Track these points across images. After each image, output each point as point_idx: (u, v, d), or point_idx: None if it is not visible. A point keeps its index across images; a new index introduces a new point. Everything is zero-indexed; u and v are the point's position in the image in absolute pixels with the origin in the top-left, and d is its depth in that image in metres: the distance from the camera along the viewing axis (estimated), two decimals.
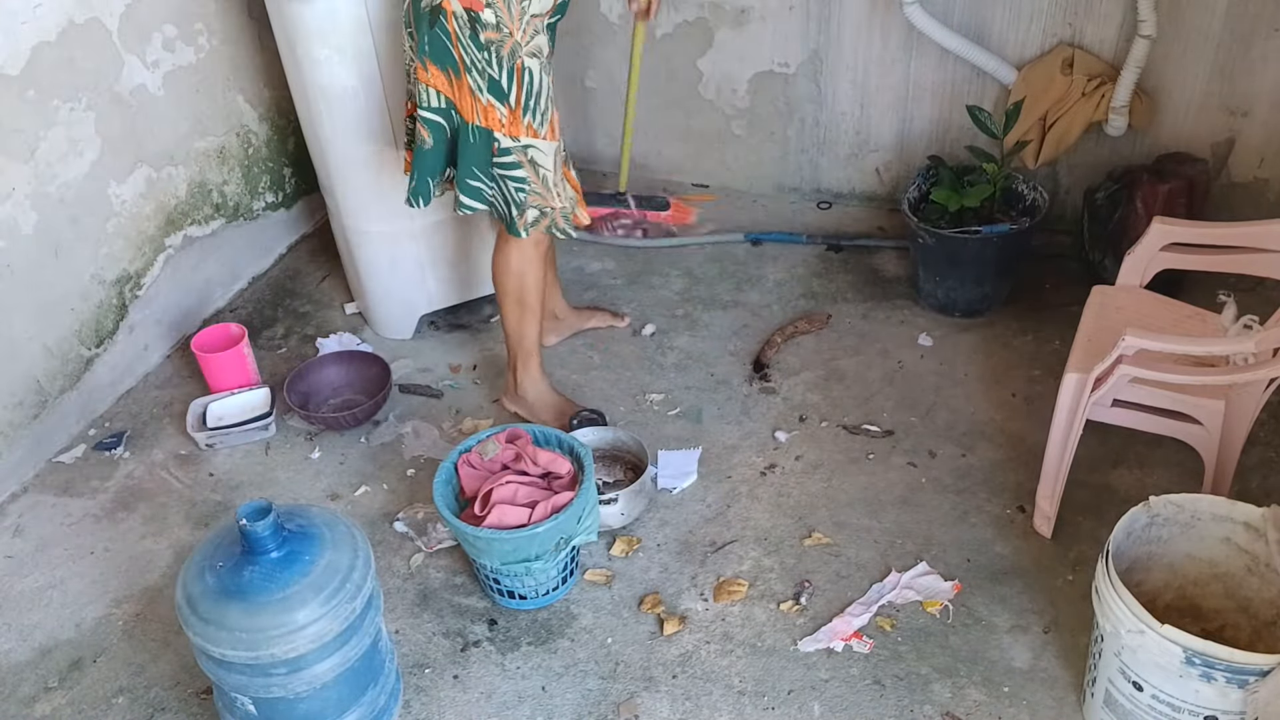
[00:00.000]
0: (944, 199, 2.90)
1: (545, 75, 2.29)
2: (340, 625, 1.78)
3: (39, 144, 2.55)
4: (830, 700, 2.03)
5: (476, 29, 2.21)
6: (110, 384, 2.88)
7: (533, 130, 2.32)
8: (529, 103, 2.29)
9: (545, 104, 2.31)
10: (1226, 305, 2.22)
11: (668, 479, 2.50)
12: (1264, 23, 2.78)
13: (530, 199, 2.39)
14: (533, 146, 2.34)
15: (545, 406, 2.68)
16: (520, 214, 2.41)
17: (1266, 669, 1.60)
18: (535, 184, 2.38)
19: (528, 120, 2.31)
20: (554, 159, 2.39)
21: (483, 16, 2.19)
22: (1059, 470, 2.24)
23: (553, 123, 2.35)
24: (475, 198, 2.41)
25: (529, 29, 2.23)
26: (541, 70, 2.28)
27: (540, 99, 2.30)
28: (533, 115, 2.31)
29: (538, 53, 2.26)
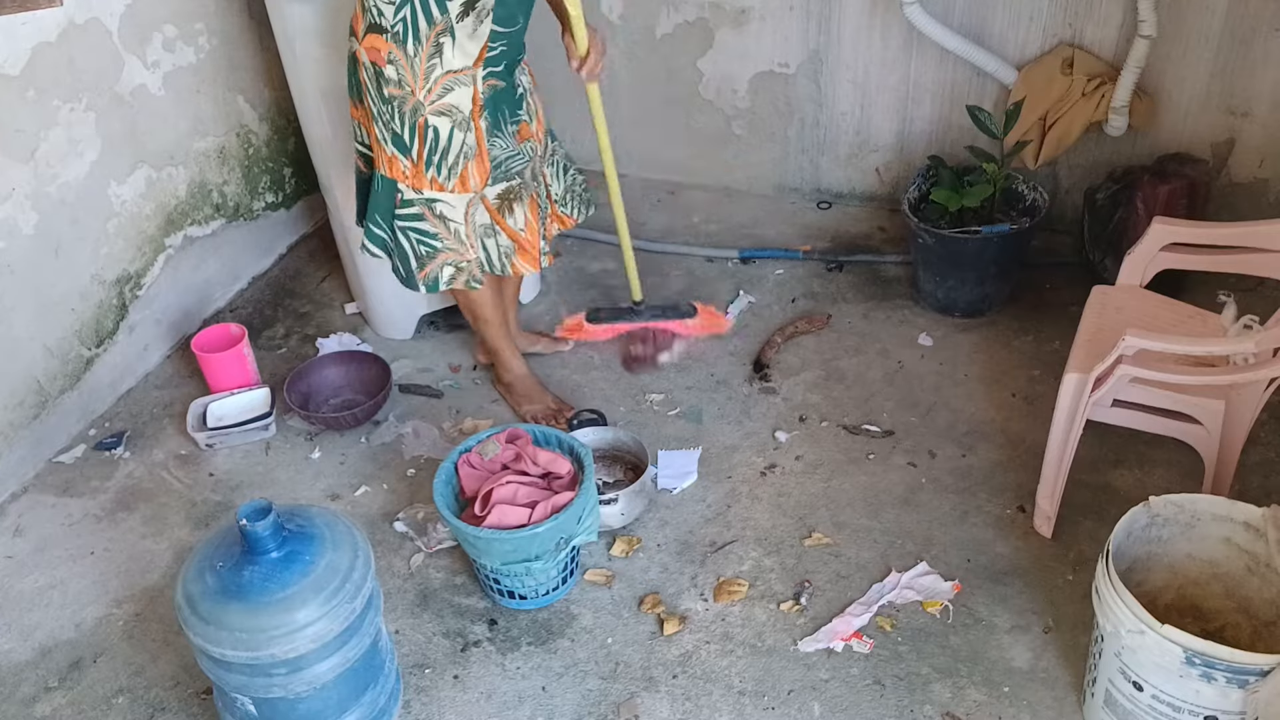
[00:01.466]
0: (944, 199, 2.90)
1: (459, 131, 2.26)
2: (340, 625, 1.78)
3: (39, 144, 2.56)
4: (830, 700, 2.03)
5: (380, 83, 2.22)
6: (110, 384, 2.88)
7: (438, 184, 2.32)
8: (432, 158, 2.28)
9: (456, 159, 2.29)
10: (1227, 305, 2.22)
11: (668, 479, 2.50)
12: (1264, 23, 2.78)
13: (441, 254, 2.41)
14: (439, 200, 2.35)
15: (520, 392, 2.75)
16: (421, 267, 2.43)
17: (1267, 669, 1.60)
18: (446, 238, 2.40)
19: (431, 174, 2.30)
20: (466, 210, 2.38)
21: (385, 72, 2.20)
22: (1059, 470, 2.24)
23: (464, 176, 2.32)
24: (375, 243, 2.45)
25: (436, 87, 2.20)
26: (453, 127, 2.25)
27: (448, 154, 2.28)
28: (437, 170, 2.30)
29: (449, 111, 2.23)
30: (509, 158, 2.37)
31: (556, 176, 2.59)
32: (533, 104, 2.43)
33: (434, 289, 2.47)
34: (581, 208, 2.68)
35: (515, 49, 2.28)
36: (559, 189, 2.61)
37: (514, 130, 2.36)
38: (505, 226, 2.46)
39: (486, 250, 2.48)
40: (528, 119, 2.40)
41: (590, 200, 2.71)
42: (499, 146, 2.34)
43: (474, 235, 2.43)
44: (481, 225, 2.44)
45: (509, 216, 2.46)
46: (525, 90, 2.39)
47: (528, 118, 2.40)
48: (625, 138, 3.70)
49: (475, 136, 2.29)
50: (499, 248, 2.49)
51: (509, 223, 2.46)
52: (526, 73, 2.41)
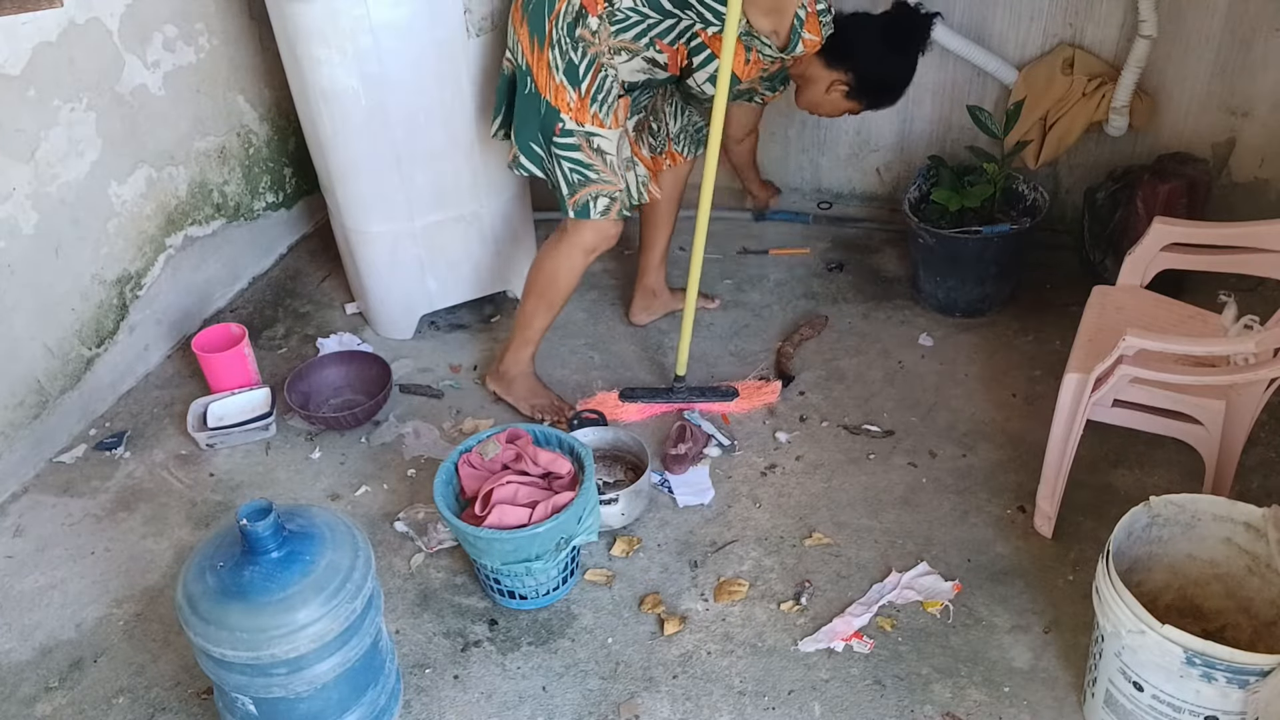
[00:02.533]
0: (944, 199, 2.90)
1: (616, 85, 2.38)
2: (341, 625, 1.78)
3: (40, 144, 2.56)
4: (831, 700, 2.03)
5: (579, 22, 2.31)
6: (111, 384, 2.88)
7: (598, 120, 2.39)
8: (597, 95, 2.36)
9: (613, 99, 2.38)
10: (1227, 305, 2.22)
11: (687, 497, 2.48)
12: (1264, 23, 2.78)
13: (594, 184, 2.45)
14: (597, 135, 2.41)
15: (524, 389, 2.73)
16: (572, 193, 2.47)
17: (1267, 669, 1.60)
18: (603, 170, 2.44)
19: (594, 110, 2.37)
20: (618, 144, 2.45)
21: (589, 20, 2.31)
22: (1059, 470, 2.24)
23: (617, 112, 2.40)
24: (534, 163, 2.50)
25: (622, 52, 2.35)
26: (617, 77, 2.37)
27: (610, 95, 2.37)
28: (600, 106, 2.37)
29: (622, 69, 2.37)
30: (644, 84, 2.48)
31: (674, 115, 2.71)
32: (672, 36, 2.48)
33: (583, 215, 2.48)
34: (692, 147, 2.78)
35: None
36: (674, 126, 2.72)
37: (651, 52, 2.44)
38: (640, 155, 2.57)
39: (627, 185, 2.53)
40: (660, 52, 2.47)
41: (702, 141, 2.77)
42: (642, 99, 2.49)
43: (624, 167, 2.49)
44: (625, 158, 2.50)
45: (642, 147, 2.59)
46: None
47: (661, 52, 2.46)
48: None
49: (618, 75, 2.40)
50: (638, 178, 2.56)
51: (643, 152, 2.59)
52: None
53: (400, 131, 2.70)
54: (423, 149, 2.74)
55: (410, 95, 2.65)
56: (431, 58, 2.63)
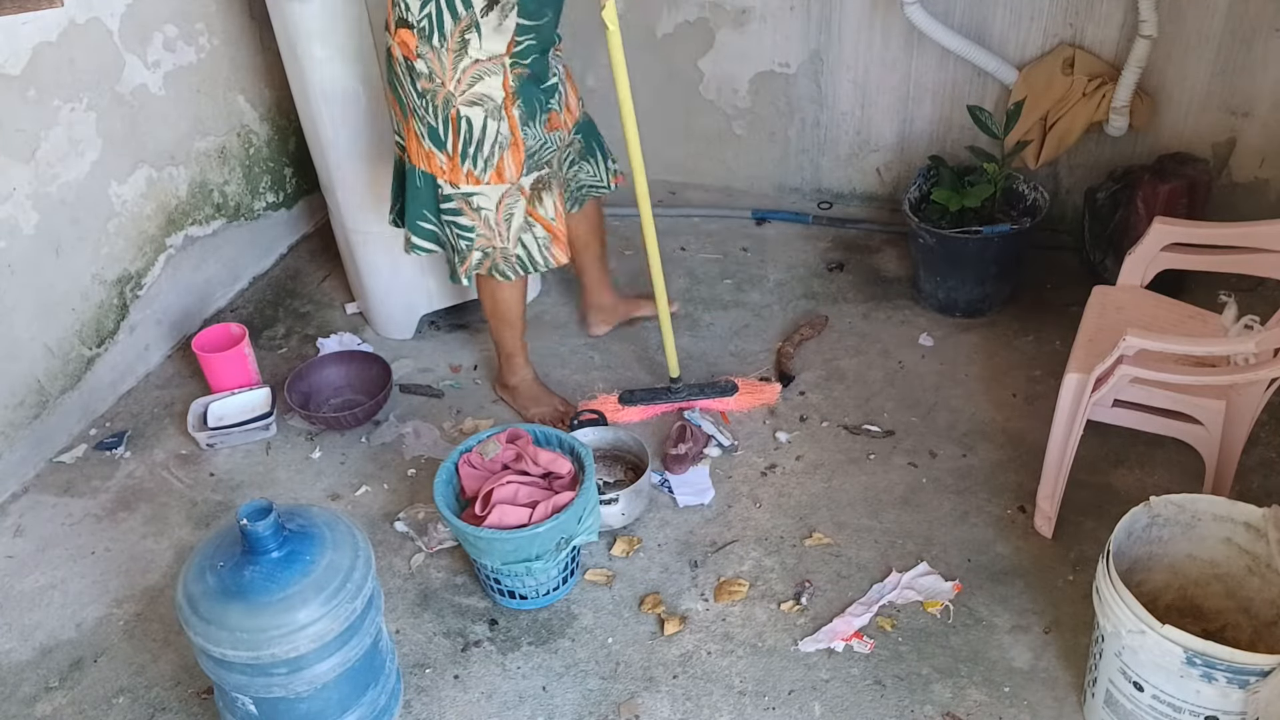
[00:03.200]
0: (945, 199, 2.90)
1: (492, 120, 2.26)
2: (341, 625, 1.78)
3: (40, 144, 2.56)
4: (831, 700, 2.03)
5: (413, 77, 2.23)
6: (111, 384, 2.88)
7: (473, 178, 2.32)
8: (467, 150, 2.28)
9: (491, 150, 2.29)
10: (1227, 305, 2.22)
11: (688, 497, 2.48)
12: (1265, 23, 2.78)
13: (476, 242, 2.42)
14: (476, 194, 2.35)
15: (527, 395, 2.74)
16: (462, 261, 2.45)
17: (1267, 669, 1.60)
18: (480, 228, 2.40)
19: (467, 168, 2.31)
20: (497, 201, 2.37)
21: (416, 66, 2.21)
22: (1060, 470, 2.24)
23: (500, 167, 2.31)
24: (428, 239, 2.47)
25: (465, 76, 2.20)
26: (486, 117, 2.25)
27: (483, 146, 2.28)
28: (472, 163, 2.30)
29: (480, 100, 2.23)
30: (541, 147, 2.37)
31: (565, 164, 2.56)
32: (565, 94, 2.43)
33: (464, 281, 2.49)
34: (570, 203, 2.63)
35: (545, 40, 2.28)
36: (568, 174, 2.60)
37: (544, 119, 2.36)
38: (538, 217, 2.45)
39: (526, 247, 2.46)
40: (557, 109, 2.40)
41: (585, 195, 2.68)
42: (532, 136, 2.33)
43: (504, 223, 2.42)
44: (520, 221, 2.42)
45: (539, 206, 2.44)
46: (559, 80, 2.39)
47: (558, 108, 2.40)
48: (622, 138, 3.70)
49: (509, 125, 2.29)
50: (537, 240, 2.47)
51: (540, 213, 2.45)
52: (559, 62, 2.41)
53: None
54: None
55: None
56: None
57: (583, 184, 2.66)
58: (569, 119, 2.46)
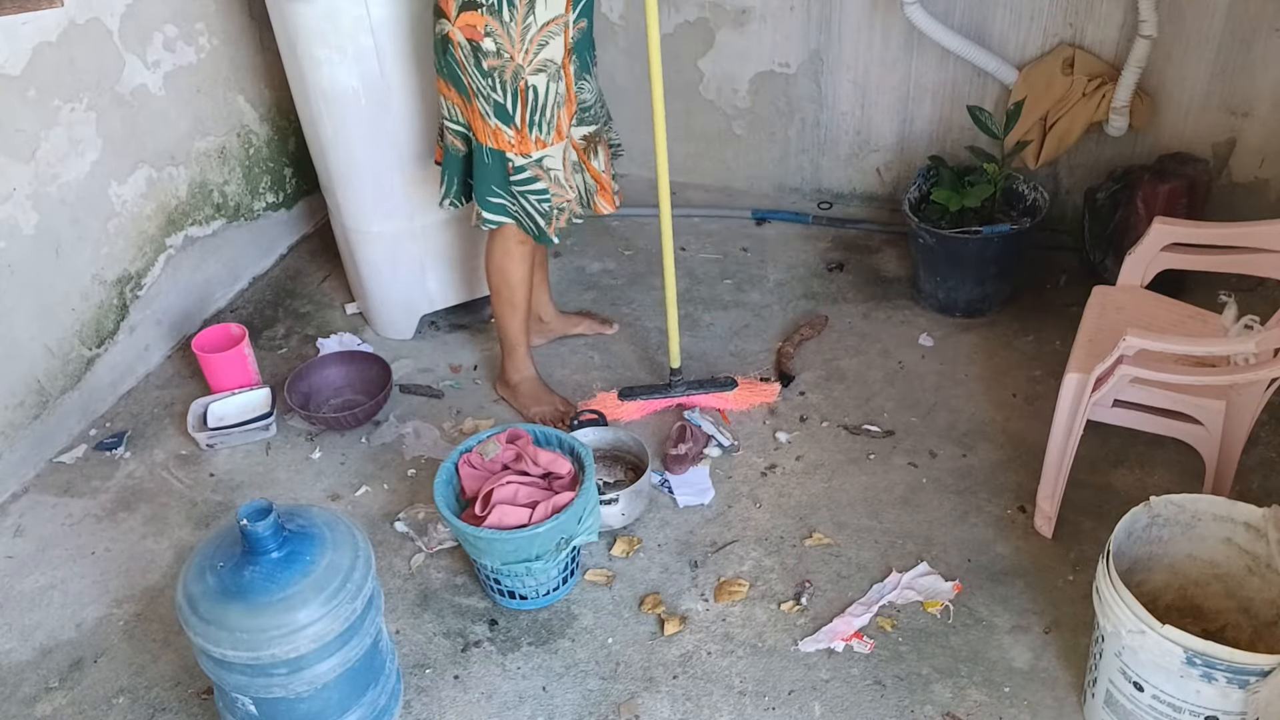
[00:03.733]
0: (945, 199, 2.90)
1: (553, 83, 2.30)
2: (341, 625, 1.78)
3: (40, 144, 2.56)
4: (831, 700, 2.03)
5: (479, 58, 2.25)
6: (111, 384, 2.88)
7: (540, 143, 2.35)
8: (533, 118, 2.32)
9: (551, 112, 2.33)
10: (1227, 305, 2.22)
11: (688, 497, 2.48)
12: (1265, 23, 2.78)
13: (554, 201, 2.45)
14: (545, 156, 2.38)
15: (528, 394, 2.73)
16: (549, 223, 2.46)
17: (1267, 669, 1.60)
18: (554, 188, 2.43)
19: (535, 135, 2.34)
20: (561, 157, 2.41)
21: (483, 46, 2.23)
22: (1060, 470, 2.24)
23: (558, 125, 2.36)
24: (498, 213, 2.46)
25: (533, 46, 2.24)
26: (549, 81, 2.29)
27: (545, 110, 2.32)
28: (538, 129, 2.33)
29: (544, 66, 2.27)
30: (596, 101, 2.43)
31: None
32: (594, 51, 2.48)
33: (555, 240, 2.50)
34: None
35: None
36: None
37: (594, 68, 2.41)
38: (591, 167, 2.49)
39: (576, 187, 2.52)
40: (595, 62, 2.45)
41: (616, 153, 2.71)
42: (586, 89, 2.39)
43: (570, 175, 2.46)
44: (572, 163, 2.48)
45: (594, 158, 2.48)
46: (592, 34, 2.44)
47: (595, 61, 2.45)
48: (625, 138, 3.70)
49: (565, 83, 2.33)
50: (585, 185, 2.54)
51: (594, 164, 2.49)
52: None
53: (400, 132, 2.70)
54: (423, 149, 2.74)
55: (410, 95, 2.65)
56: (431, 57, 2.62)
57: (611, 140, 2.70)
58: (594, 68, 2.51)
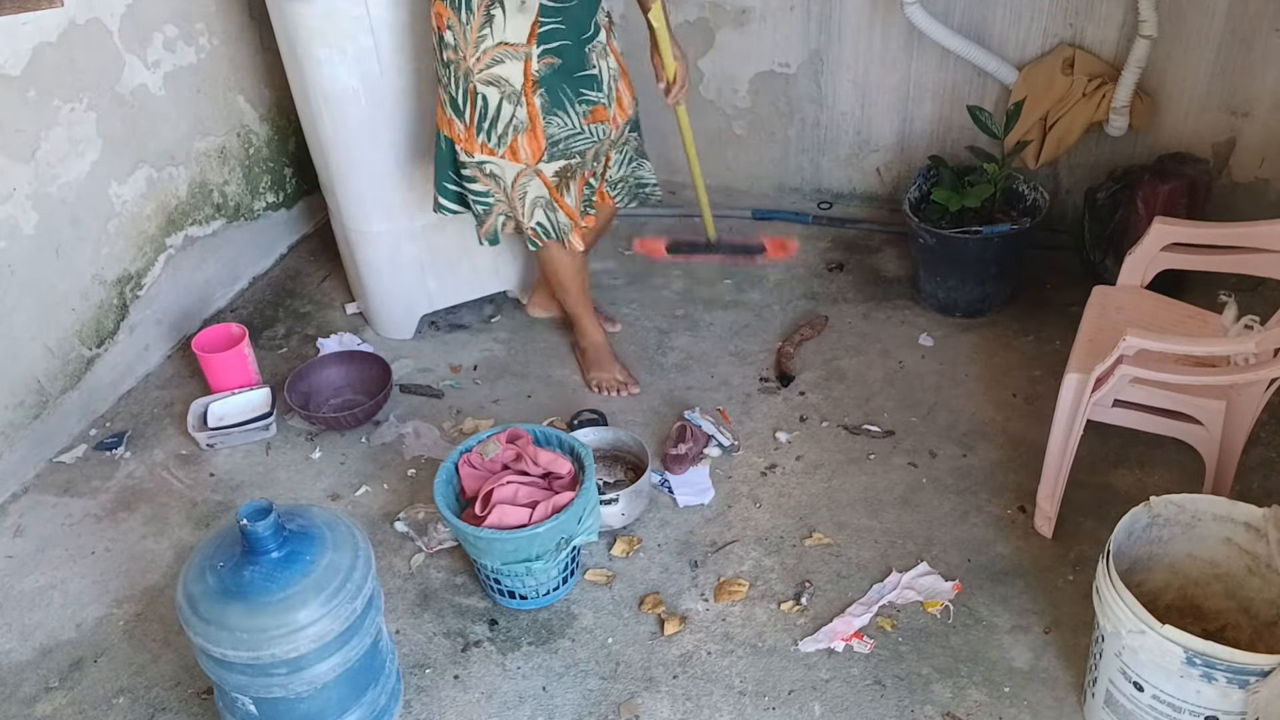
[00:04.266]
0: (945, 199, 2.90)
1: (508, 103, 2.30)
2: (341, 625, 1.78)
3: (40, 144, 2.56)
4: (831, 700, 2.03)
5: (441, 48, 2.31)
6: (111, 384, 2.88)
7: (488, 149, 2.37)
8: (481, 124, 2.34)
9: (505, 130, 2.33)
10: (1227, 305, 2.22)
11: (688, 497, 2.48)
12: (1265, 23, 2.78)
13: (495, 208, 2.49)
14: (489, 163, 2.40)
15: (591, 360, 2.83)
16: (480, 223, 2.54)
17: (1267, 669, 1.60)
18: (497, 194, 2.46)
19: (480, 140, 2.36)
20: (513, 178, 2.42)
21: (444, 37, 2.29)
22: (1060, 470, 2.24)
23: (514, 146, 2.35)
24: (451, 199, 2.54)
25: (485, 57, 2.25)
26: (502, 99, 2.29)
27: (497, 124, 2.33)
28: (487, 136, 2.35)
29: (497, 82, 2.28)
30: (569, 137, 2.38)
31: (621, 163, 2.62)
32: (615, 90, 2.44)
33: (494, 241, 2.58)
34: (629, 197, 2.71)
35: (574, 28, 2.27)
36: (616, 173, 2.63)
37: (585, 111, 2.37)
38: (563, 204, 2.49)
39: (545, 223, 2.52)
40: (605, 103, 2.40)
41: (646, 195, 2.73)
42: (557, 125, 2.35)
43: (519, 200, 2.47)
44: (538, 198, 2.47)
45: (566, 195, 2.48)
46: (605, 74, 2.39)
47: (606, 102, 2.40)
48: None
49: (528, 112, 2.32)
50: (558, 222, 2.52)
51: (566, 200, 2.49)
52: (610, 57, 2.41)
53: (400, 131, 2.70)
54: (423, 149, 2.74)
55: (410, 95, 2.66)
56: (432, 57, 2.63)
57: (644, 181, 2.70)
58: (620, 115, 2.47)
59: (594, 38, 2.34)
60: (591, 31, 2.32)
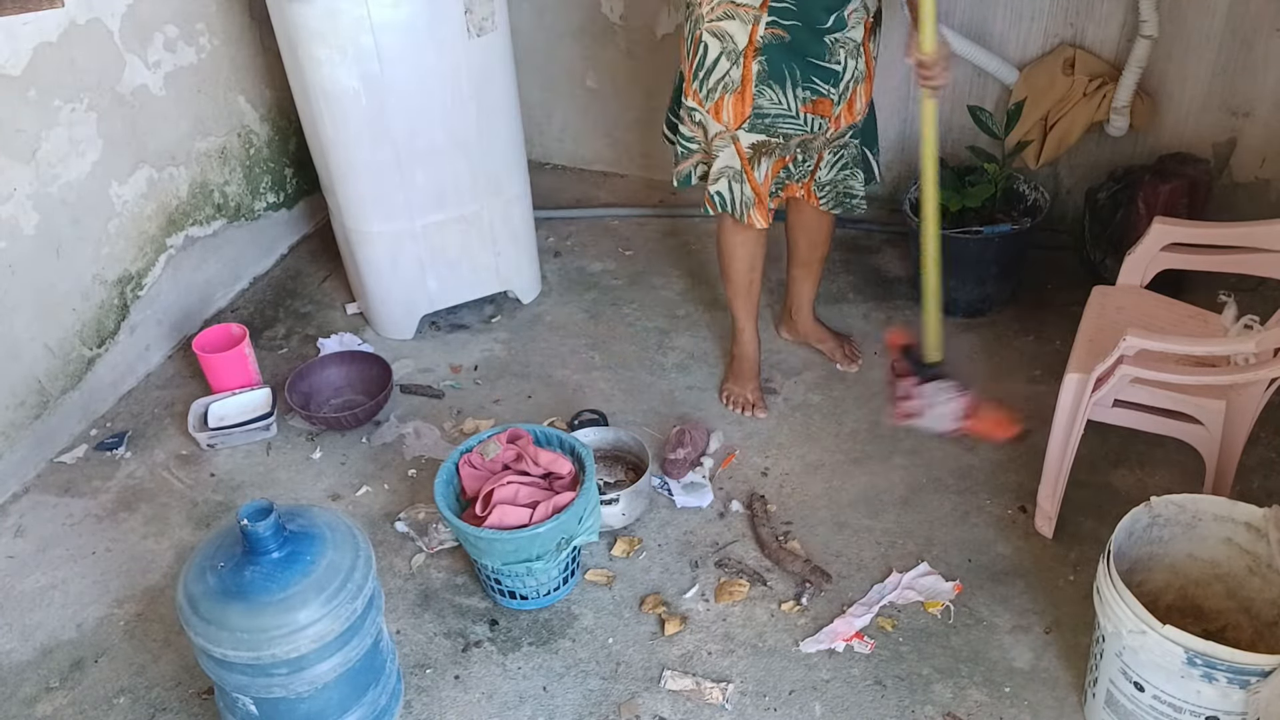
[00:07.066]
0: (945, 199, 2.89)
1: (725, 59, 2.27)
2: (341, 625, 1.78)
3: (40, 144, 2.56)
4: (831, 701, 2.03)
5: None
6: (112, 384, 2.88)
7: (697, 98, 2.37)
8: (698, 72, 2.34)
9: (715, 84, 2.31)
10: (1227, 305, 2.22)
11: (688, 500, 2.48)
12: (1265, 23, 2.78)
13: (695, 154, 2.47)
14: (698, 111, 2.39)
15: (732, 370, 2.78)
16: (677, 162, 2.51)
17: (1268, 669, 1.60)
18: (702, 142, 2.44)
19: (695, 86, 2.36)
20: (718, 137, 2.39)
21: None
22: (1060, 470, 2.24)
23: (719, 105, 2.33)
24: (669, 128, 2.54)
25: (718, 10, 2.24)
26: (722, 53, 2.27)
27: (710, 76, 2.32)
28: (699, 85, 2.35)
29: (720, 35, 2.26)
30: (779, 116, 2.32)
31: (833, 165, 2.51)
32: (850, 90, 2.35)
33: (683, 184, 2.53)
34: (833, 203, 2.59)
35: (804, 12, 2.22)
36: (826, 175, 2.52)
37: (806, 98, 2.31)
38: (751, 177, 2.44)
39: (727, 192, 2.47)
40: (834, 99, 2.33)
41: (852, 206, 2.60)
42: (770, 99, 2.30)
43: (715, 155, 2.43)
44: (726, 166, 2.43)
45: (756, 169, 2.43)
46: (847, 73, 2.32)
47: (835, 98, 2.33)
48: (625, 138, 3.70)
49: (742, 74, 2.29)
50: (742, 195, 2.46)
51: (754, 174, 2.43)
52: (861, 58, 2.35)
53: (401, 131, 2.70)
54: (423, 149, 2.75)
55: (411, 95, 2.66)
56: (432, 58, 2.63)
57: (853, 192, 2.58)
58: (846, 117, 2.39)
59: (837, 30, 2.26)
60: (832, 24, 2.25)
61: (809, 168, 2.51)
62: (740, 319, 2.74)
